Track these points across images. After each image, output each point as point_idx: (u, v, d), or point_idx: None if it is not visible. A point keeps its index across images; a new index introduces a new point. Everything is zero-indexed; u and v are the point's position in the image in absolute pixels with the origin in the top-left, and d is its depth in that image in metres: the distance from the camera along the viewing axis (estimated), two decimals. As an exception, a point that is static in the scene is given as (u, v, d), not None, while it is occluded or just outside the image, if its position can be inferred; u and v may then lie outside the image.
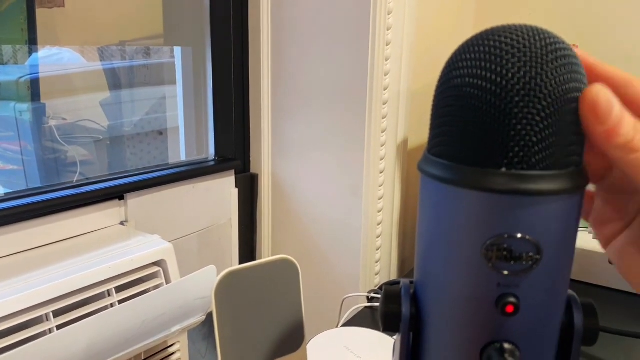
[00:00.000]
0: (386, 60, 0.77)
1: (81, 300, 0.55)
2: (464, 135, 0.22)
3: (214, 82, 0.83)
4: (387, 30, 0.76)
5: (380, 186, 0.81)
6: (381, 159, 0.80)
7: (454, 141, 0.22)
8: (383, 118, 0.79)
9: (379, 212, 0.82)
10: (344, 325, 0.68)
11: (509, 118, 0.21)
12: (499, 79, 0.21)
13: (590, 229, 0.82)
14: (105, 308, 0.54)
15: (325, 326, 0.65)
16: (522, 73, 0.21)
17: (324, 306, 0.85)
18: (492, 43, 0.22)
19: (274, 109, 0.86)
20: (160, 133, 1.22)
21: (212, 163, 0.83)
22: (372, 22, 0.74)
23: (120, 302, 0.56)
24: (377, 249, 0.84)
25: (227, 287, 0.32)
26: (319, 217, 0.85)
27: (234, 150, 0.86)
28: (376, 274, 0.85)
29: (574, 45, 0.78)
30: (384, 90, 0.78)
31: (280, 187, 0.88)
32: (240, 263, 0.84)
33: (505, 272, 0.22)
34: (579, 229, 0.25)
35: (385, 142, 0.80)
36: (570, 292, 0.26)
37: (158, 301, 0.49)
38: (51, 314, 0.51)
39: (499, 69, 0.21)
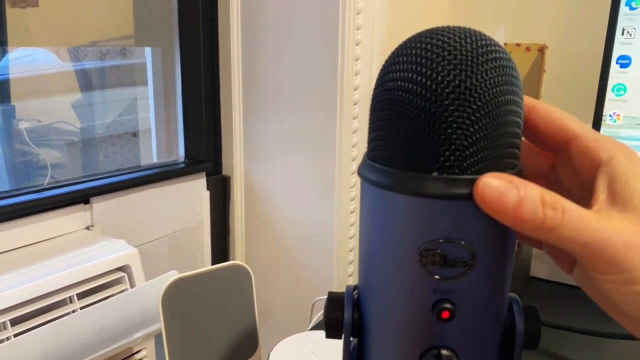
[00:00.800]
0: (356, 60, 0.76)
1: (42, 308, 0.54)
2: (397, 140, 0.22)
3: (183, 83, 0.82)
4: (357, 30, 0.76)
5: (352, 187, 0.81)
6: (353, 160, 0.80)
7: (388, 145, 0.22)
8: (354, 119, 0.78)
9: (352, 213, 0.82)
10: (314, 328, 0.68)
11: (439, 122, 0.20)
12: (429, 83, 0.20)
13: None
14: (67, 315, 0.53)
15: (298, 329, 0.64)
16: (451, 76, 0.20)
17: (297, 309, 0.84)
18: (424, 46, 0.21)
19: (246, 110, 0.85)
20: (135, 135, 1.21)
21: (182, 165, 0.82)
22: (342, 22, 0.74)
23: (82, 308, 0.54)
24: (350, 250, 0.83)
25: (174, 295, 0.31)
26: (292, 219, 0.84)
27: (204, 152, 0.85)
28: (349, 276, 0.84)
29: (544, 46, 0.79)
30: (355, 90, 0.77)
31: (253, 189, 0.88)
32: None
33: (440, 278, 0.22)
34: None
35: (357, 143, 0.80)
36: (512, 295, 0.25)
37: (116, 308, 0.49)
38: (8, 323, 0.50)
39: (429, 72, 0.21)
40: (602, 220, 0.20)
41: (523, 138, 0.25)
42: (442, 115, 0.20)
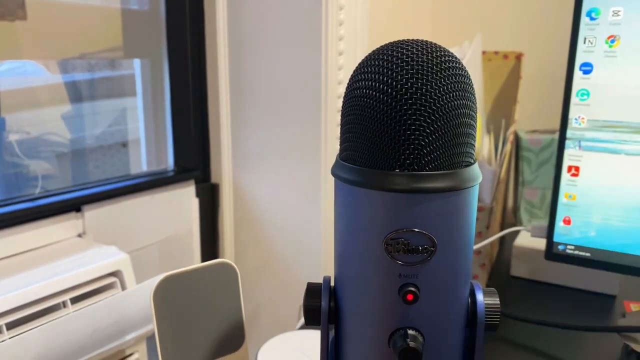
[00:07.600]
0: (339, 69, 0.79)
1: (37, 312, 0.55)
2: (364, 141, 0.24)
3: (171, 93, 0.84)
4: (339, 40, 0.79)
5: (337, 192, 0.83)
6: (338, 166, 0.82)
7: (357, 146, 0.25)
8: (338, 125, 0.81)
9: (338, 217, 0.84)
10: (302, 328, 0.70)
11: (399, 125, 0.23)
12: (389, 90, 0.23)
13: (529, 226, 0.83)
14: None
15: (286, 330, 0.66)
16: (409, 84, 0.23)
17: (285, 310, 0.86)
18: (386, 57, 0.24)
19: (233, 119, 0.88)
20: (124, 145, 1.22)
21: (172, 174, 0.84)
22: (324, 35, 0.77)
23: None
24: (337, 254, 0.86)
25: (165, 291, 0.34)
26: (280, 224, 0.87)
27: (193, 161, 0.87)
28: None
29: (520, 53, 0.82)
30: (338, 98, 0.80)
31: (242, 196, 0.90)
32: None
33: (404, 264, 0.24)
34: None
35: (341, 149, 0.82)
36: (474, 281, 0.28)
37: (109, 310, 0.50)
38: (4, 327, 0.52)
39: (390, 81, 0.23)
40: None
41: None
42: (401, 119, 0.23)
